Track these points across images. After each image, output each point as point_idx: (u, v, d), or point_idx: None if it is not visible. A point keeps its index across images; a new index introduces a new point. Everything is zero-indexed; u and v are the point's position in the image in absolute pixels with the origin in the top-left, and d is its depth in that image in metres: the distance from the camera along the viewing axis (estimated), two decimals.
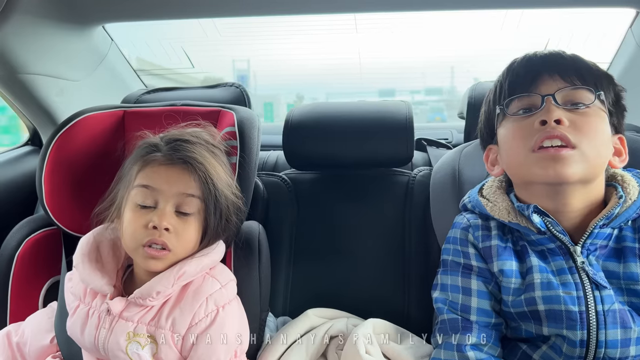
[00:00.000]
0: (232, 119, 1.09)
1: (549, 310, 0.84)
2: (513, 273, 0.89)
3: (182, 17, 1.43)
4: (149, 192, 0.90)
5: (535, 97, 0.88)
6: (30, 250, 1.14)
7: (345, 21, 1.52)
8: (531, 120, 0.87)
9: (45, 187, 1.07)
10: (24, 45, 1.25)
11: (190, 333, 0.89)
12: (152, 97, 1.39)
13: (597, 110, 0.87)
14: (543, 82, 0.89)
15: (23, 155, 1.53)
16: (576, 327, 0.81)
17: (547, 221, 0.87)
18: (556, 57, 0.92)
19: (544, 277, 0.86)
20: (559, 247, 0.87)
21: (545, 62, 0.91)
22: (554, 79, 0.89)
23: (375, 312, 1.15)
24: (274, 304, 1.22)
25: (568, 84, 0.88)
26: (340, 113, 1.34)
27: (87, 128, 1.13)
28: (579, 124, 0.84)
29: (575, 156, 0.82)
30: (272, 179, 1.35)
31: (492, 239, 0.93)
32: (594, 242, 0.86)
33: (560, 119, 0.84)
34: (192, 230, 0.91)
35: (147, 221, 0.88)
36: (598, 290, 0.83)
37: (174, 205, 0.90)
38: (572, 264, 0.86)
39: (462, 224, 0.98)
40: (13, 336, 1.02)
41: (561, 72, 0.88)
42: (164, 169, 0.91)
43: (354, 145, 1.30)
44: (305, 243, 1.28)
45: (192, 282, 0.92)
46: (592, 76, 0.89)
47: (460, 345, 0.88)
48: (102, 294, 0.92)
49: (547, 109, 0.85)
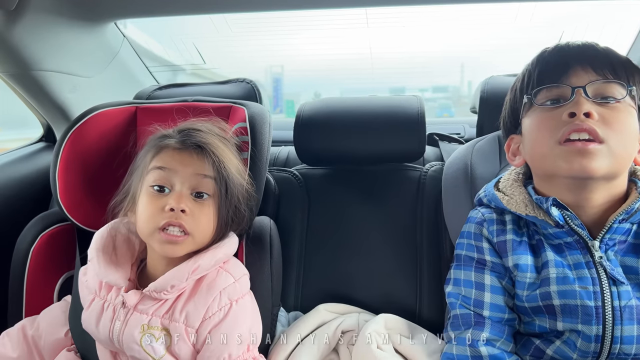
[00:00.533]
0: (244, 115, 1.09)
1: (564, 304, 0.83)
2: (528, 267, 0.88)
3: (193, 12, 1.43)
4: (165, 174, 0.91)
5: (565, 88, 0.85)
6: (45, 245, 1.15)
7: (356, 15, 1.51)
8: (559, 112, 0.84)
9: (59, 183, 1.07)
10: (37, 42, 1.26)
11: (204, 326, 0.90)
12: (164, 93, 1.40)
13: (627, 106, 0.84)
14: (574, 73, 0.86)
15: (37, 152, 1.54)
16: (591, 322, 0.81)
17: (566, 214, 0.85)
18: (589, 48, 0.89)
19: (559, 272, 0.85)
20: (576, 241, 0.86)
21: (577, 52, 0.89)
22: (586, 70, 0.86)
23: (387, 308, 1.15)
24: (286, 298, 1.22)
25: (600, 76, 0.85)
26: (351, 108, 1.33)
27: (100, 124, 1.14)
28: (608, 118, 0.82)
29: (602, 151, 0.80)
30: (283, 175, 1.35)
31: (507, 233, 0.92)
32: (612, 237, 0.85)
33: (589, 112, 0.81)
34: (208, 213, 0.92)
35: (164, 204, 0.88)
36: (615, 285, 0.82)
37: (189, 187, 0.91)
38: (589, 258, 0.85)
39: (477, 219, 0.97)
40: (28, 329, 1.03)
41: (594, 64, 0.86)
42: (177, 152, 0.92)
43: (365, 140, 1.29)
44: (317, 238, 1.28)
45: (206, 276, 0.93)
46: (625, 70, 0.86)
47: (473, 340, 0.88)
48: (117, 287, 0.93)
49: (577, 101, 0.83)
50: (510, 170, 1.00)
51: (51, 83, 1.38)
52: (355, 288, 1.23)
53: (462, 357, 0.88)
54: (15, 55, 1.25)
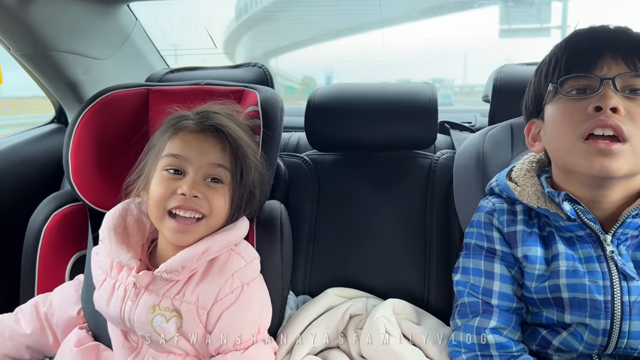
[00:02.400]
0: (256, 99, 1.09)
1: (573, 298, 0.83)
2: (537, 259, 0.88)
3: None
4: (179, 162, 0.91)
5: (594, 79, 0.81)
6: (57, 224, 1.16)
7: None
8: (584, 104, 0.81)
9: (72, 164, 1.08)
10: (51, 23, 1.26)
11: (215, 308, 0.91)
12: (176, 77, 1.40)
13: None
14: (604, 63, 0.82)
15: (50, 133, 1.56)
16: (600, 316, 0.80)
17: (578, 209, 0.85)
18: (622, 35, 0.85)
19: (569, 265, 0.84)
20: (588, 234, 0.85)
21: (609, 40, 0.84)
22: (617, 61, 0.81)
23: (395, 294, 1.16)
24: (295, 282, 1.23)
25: (630, 69, 0.80)
26: (363, 94, 1.33)
27: (112, 106, 1.14)
28: (634, 114, 0.78)
29: (625, 152, 0.78)
30: (293, 160, 1.36)
31: (517, 223, 0.92)
32: (625, 231, 0.84)
33: (617, 107, 0.78)
34: (222, 198, 0.92)
35: (175, 187, 0.89)
36: (626, 280, 0.82)
37: (203, 175, 0.91)
38: (600, 252, 0.84)
39: (487, 208, 0.97)
40: (41, 306, 1.05)
41: (625, 55, 0.81)
42: (194, 137, 0.92)
43: (376, 127, 1.29)
44: (326, 223, 1.29)
45: (217, 258, 0.94)
46: None
47: (480, 328, 0.89)
48: (128, 268, 0.94)
49: (604, 94, 0.79)
50: (524, 160, 0.99)
51: (64, 64, 1.39)
52: (363, 274, 1.23)
53: (469, 344, 0.89)
54: (30, 36, 1.26)
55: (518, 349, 0.88)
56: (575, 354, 0.85)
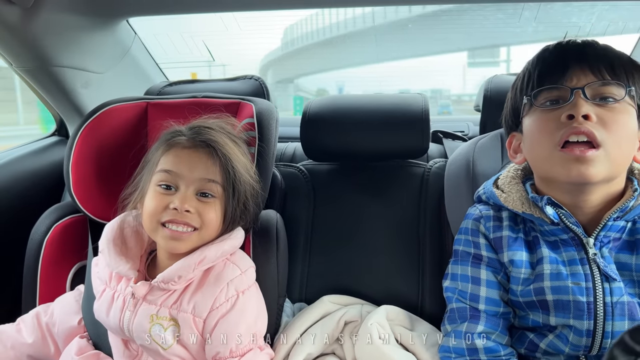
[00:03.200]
0: (252, 111, 1.12)
1: (557, 300, 0.85)
2: (523, 263, 0.90)
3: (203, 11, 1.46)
4: (171, 177, 0.93)
5: (564, 89, 0.86)
6: (58, 235, 1.18)
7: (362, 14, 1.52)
8: (558, 113, 0.85)
9: (72, 176, 1.11)
10: (52, 38, 1.29)
11: (212, 316, 0.92)
12: (174, 89, 1.42)
13: (625, 106, 0.84)
14: (573, 74, 0.86)
15: (51, 146, 1.58)
16: (583, 317, 0.82)
17: (561, 213, 0.87)
18: (588, 48, 0.89)
19: (553, 268, 0.87)
20: (571, 238, 0.88)
21: (576, 53, 0.88)
22: (585, 72, 0.86)
23: (389, 301, 1.18)
24: (291, 290, 1.25)
25: (598, 78, 0.85)
26: (356, 105, 1.35)
27: (111, 119, 1.16)
28: (606, 120, 0.82)
29: (599, 157, 0.81)
30: (289, 170, 1.38)
31: (503, 229, 0.94)
32: (607, 234, 0.86)
33: (588, 114, 0.81)
34: (213, 212, 0.94)
35: (168, 202, 0.91)
36: (608, 282, 0.84)
37: (195, 190, 0.93)
38: (583, 255, 0.86)
39: (474, 215, 0.99)
40: (42, 316, 1.07)
41: (592, 65, 0.86)
42: (186, 153, 0.95)
43: (370, 137, 1.31)
44: (322, 232, 1.31)
45: (213, 268, 0.96)
46: (624, 70, 0.86)
47: (469, 333, 0.91)
48: (126, 278, 0.96)
49: (576, 103, 0.83)
50: (509, 167, 1.02)
51: (65, 78, 1.41)
52: (358, 281, 1.25)
53: (459, 349, 0.91)
54: (30, 51, 1.28)
55: (506, 352, 0.90)
56: (562, 356, 0.87)
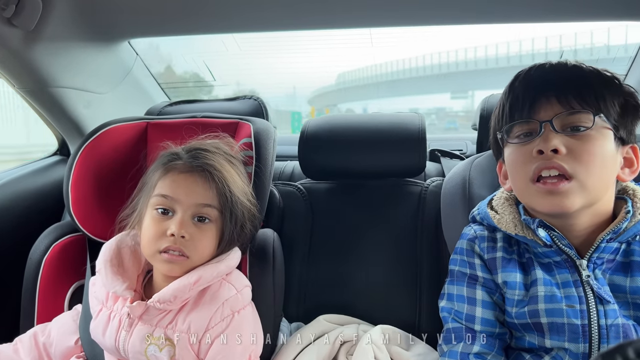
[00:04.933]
0: (249, 130, 1.13)
1: (552, 323, 0.84)
2: (517, 285, 0.90)
3: (203, 32, 1.48)
4: (168, 202, 0.94)
5: (534, 123, 0.86)
6: (57, 255, 1.18)
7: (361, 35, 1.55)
8: (530, 148, 0.85)
9: (72, 195, 1.12)
10: (54, 60, 1.31)
11: (207, 336, 0.93)
12: (175, 109, 1.44)
13: (599, 130, 0.84)
14: (541, 106, 0.86)
15: (52, 165, 1.59)
16: (578, 340, 0.82)
17: (553, 235, 0.87)
18: (555, 74, 0.89)
19: (547, 290, 0.86)
20: (565, 260, 0.88)
21: (543, 82, 0.88)
22: (551, 103, 0.86)
23: (387, 319, 1.17)
24: (288, 309, 1.25)
25: (565, 108, 0.84)
26: (353, 125, 1.36)
27: (112, 139, 1.18)
28: (577, 151, 0.82)
29: (573, 188, 0.81)
30: (288, 188, 1.39)
31: (497, 250, 0.94)
32: (600, 256, 0.86)
33: (557, 148, 0.82)
34: (209, 237, 0.95)
35: (165, 229, 0.92)
36: (602, 304, 0.83)
37: (191, 214, 0.94)
38: (577, 277, 0.86)
39: (469, 235, 0.99)
40: (40, 336, 1.07)
41: (559, 95, 0.85)
42: (183, 177, 0.96)
43: (367, 156, 1.32)
44: (319, 250, 1.31)
45: (209, 288, 0.96)
46: (593, 93, 0.84)
47: (464, 353, 0.90)
48: (123, 298, 0.96)
49: (545, 137, 0.83)
50: (504, 189, 1.02)
51: (66, 99, 1.43)
52: (356, 300, 1.25)
53: None
54: (33, 73, 1.30)
55: None
56: None
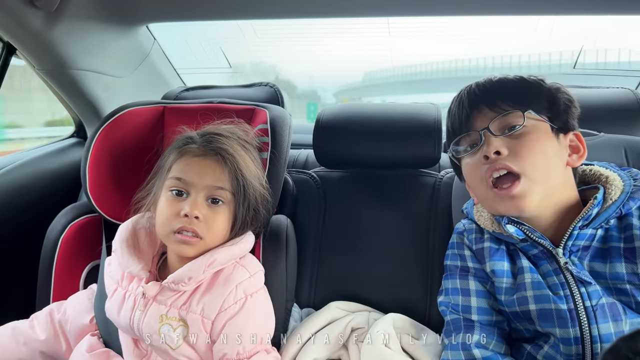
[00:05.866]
0: (265, 117, 1.13)
1: (540, 309, 0.86)
2: (504, 273, 0.92)
3: (221, 18, 1.49)
4: (182, 184, 0.95)
5: (474, 133, 0.93)
6: (74, 234, 1.21)
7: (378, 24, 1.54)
8: (478, 156, 0.91)
9: (89, 177, 1.13)
10: (74, 42, 1.32)
11: (220, 318, 0.94)
12: (191, 94, 1.45)
13: (534, 125, 0.90)
14: (476, 118, 0.93)
15: (69, 147, 1.62)
16: (568, 325, 0.83)
17: (524, 229, 0.90)
18: (482, 88, 0.95)
19: (534, 277, 0.88)
20: (541, 251, 0.90)
21: (473, 97, 0.95)
22: (484, 112, 0.92)
23: (397, 309, 1.18)
24: (300, 295, 1.26)
25: (497, 112, 0.91)
26: (369, 114, 1.36)
27: (129, 122, 1.19)
28: (517, 149, 0.87)
29: (525, 186, 0.85)
30: (301, 176, 1.39)
31: (484, 241, 0.97)
32: (575, 243, 0.88)
33: (498, 149, 0.87)
34: (222, 219, 0.96)
35: (179, 209, 0.93)
36: (584, 286, 0.85)
37: (205, 196, 0.95)
38: (556, 265, 0.88)
39: (458, 229, 1.04)
40: (55, 314, 1.09)
41: (488, 103, 0.92)
42: (196, 161, 0.97)
43: (382, 146, 1.32)
44: (332, 238, 1.31)
45: (222, 270, 0.97)
46: (518, 95, 0.91)
47: (465, 344, 0.91)
48: (138, 278, 0.98)
49: (487, 143, 0.89)
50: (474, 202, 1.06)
51: (85, 81, 1.45)
52: (366, 288, 1.25)
53: None
54: (53, 54, 1.32)
55: None
56: None
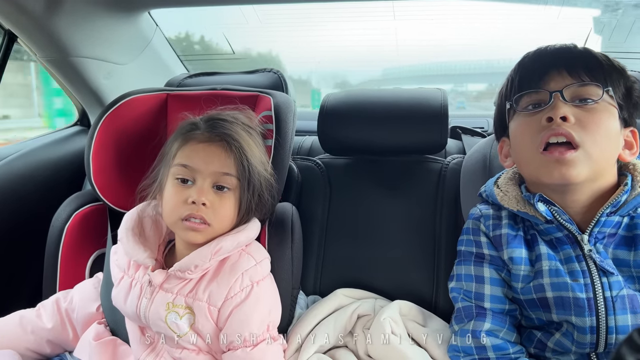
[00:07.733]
0: (269, 104, 1.12)
1: (557, 297, 0.85)
2: (522, 260, 0.91)
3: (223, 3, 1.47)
4: (188, 171, 0.95)
5: (544, 93, 0.89)
6: (79, 223, 1.20)
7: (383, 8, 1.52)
8: (539, 117, 0.88)
9: (93, 165, 1.13)
10: (75, 29, 1.31)
11: (226, 305, 0.94)
12: (194, 81, 1.44)
13: (605, 106, 0.87)
14: (551, 78, 0.89)
15: (72, 135, 1.61)
16: (584, 314, 0.82)
17: (554, 210, 0.88)
18: (566, 52, 0.92)
19: (552, 265, 0.87)
20: (566, 235, 0.88)
21: (554, 57, 0.91)
22: (562, 75, 0.89)
23: (403, 296, 1.18)
24: (305, 283, 1.25)
25: (576, 80, 0.88)
26: (374, 99, 1.35)
27: (132, 109, 1.18)
28: (584, 121, 0.84)
29: (579, 157, 0.83)
30: (306, 163, 1.38)
31: (502, 227, 0.95)
32: (601, 230, 0.87)
33: (566, 115, 0.84)
34: (228, 205, 0.96)
35: (187, 196, 0.93)
36: (606, 276, 0.84)
37: (211, 182, 0.95)
38: (579, 252, 0.87)
39: (474, 215, 1.02)
40: (62, 302, 1.09)
41: (569, 68, 0.88)
42: (202, 147, 0.96)
43: (387, 131, 1.31)
44: (337, 226, 1.31)
45: (229, 258, 0.97)
46: (602, 71, 0.88)
47: (475, 331, 0.91)
48: (144, 267, 0.98)
49: (554, 106, 0.86)
50: (509, 169, 1.04)
51: (87, 69, 1.44)
52: (372, 276, 1.25)
53: (467, 348, 0.91)
54: (54, 42, 1.31)
55: (515, 350, 0.90)
56: (572, 355, 0.87)
